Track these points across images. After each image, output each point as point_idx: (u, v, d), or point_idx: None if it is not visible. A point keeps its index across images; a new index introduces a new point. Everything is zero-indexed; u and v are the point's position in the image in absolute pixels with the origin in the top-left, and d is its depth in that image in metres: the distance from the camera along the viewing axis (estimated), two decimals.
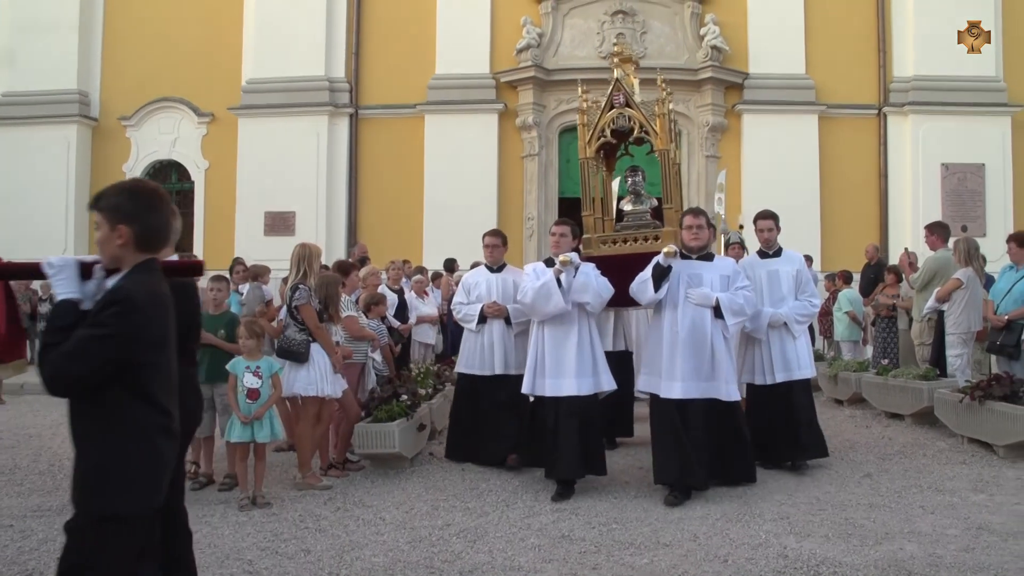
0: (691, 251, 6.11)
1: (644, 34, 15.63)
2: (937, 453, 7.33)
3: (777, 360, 6.71)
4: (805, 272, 6.93)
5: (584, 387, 6.04)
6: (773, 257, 6.99)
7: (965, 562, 4.47)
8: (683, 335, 5.87)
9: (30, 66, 16.93)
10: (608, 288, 6.10)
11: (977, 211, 15.22)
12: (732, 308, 5.92)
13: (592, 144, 6.89)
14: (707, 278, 6.01)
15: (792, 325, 6.73)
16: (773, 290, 6.83)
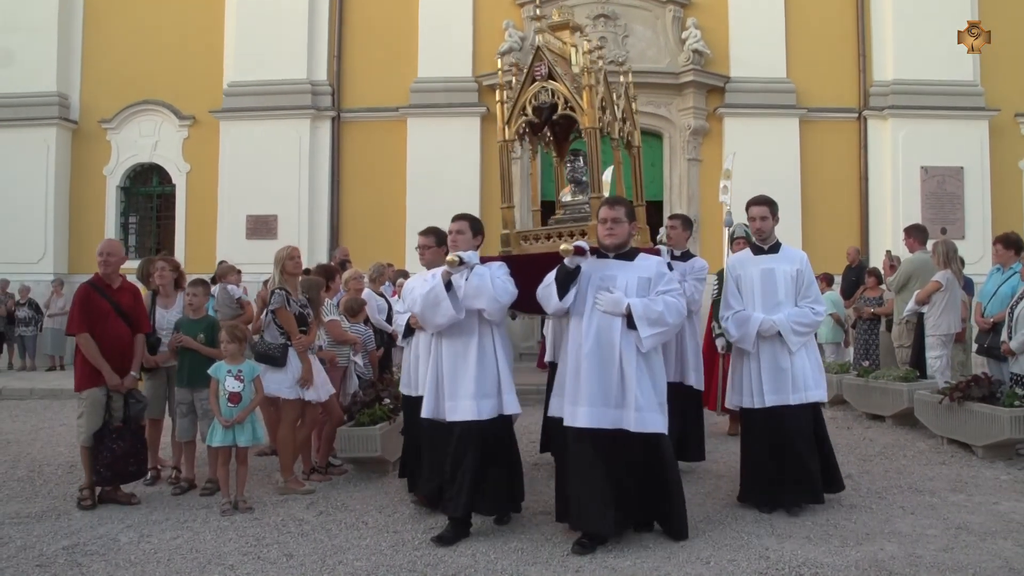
0: (607, 249, 5.07)
1: (626, 38, 15.67)
2: (917, 454, 7.39)
3: (768, 379, 5.55)
4: (808, 273, 5.76)
5: (485, 410, 5.09)
6: (769, 253, 5.84)
7: (944, 562, 4.51)
8: (587, 349, 4.82)
9: (9, 68, 16.76)
10: (508, 292, 5.11)
11: (956, 214, 15.35)
12: (647, 316, 4.77)
13: (512, 124, 5.91)
14: (622, 280, 4.93)
15: (788, 336, 5.53)
16: (767, 293, 5.69)
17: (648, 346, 4.80)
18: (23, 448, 8.34)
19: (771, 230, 5.87)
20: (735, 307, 5.77)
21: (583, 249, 4.87)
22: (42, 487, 6.63)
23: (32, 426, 9.80)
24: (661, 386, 4.90)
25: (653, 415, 4.77)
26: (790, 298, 5.69)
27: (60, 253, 16.69)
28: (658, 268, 5.02)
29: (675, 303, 4.90)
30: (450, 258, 5.10)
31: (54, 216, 16.65)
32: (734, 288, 5.85)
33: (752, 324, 5.63)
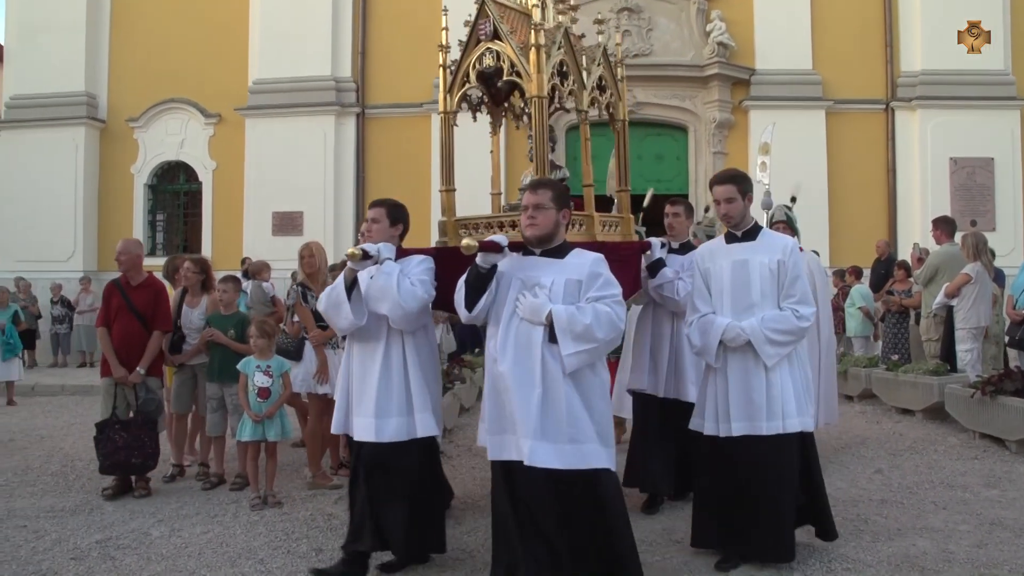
0: (529, 242, 4.10)
1: (650, 31, 15.61)
2: (948, 449, 7.31)
3: (736, 402, 4.33)
4: (795, 266, 4.43)
5: (387, 430, 4.28)
6: (744, 240, 4.53)
7: (978, 558, 4.46)
8: (504, 366, 3.91)
9: (38, 68, 16.99)
10: (415, 297, 4.22)
11: (986, 205, 15.16)
12: (571, 329, 3.79)
13: (455, 93, 5.13)
14: (547, 282, 3.95)
15: (761, 347, 4.26)
16: (738, 291, 4.44)
17: (571, 366, 3.79)
18: (56, 443, 8.46)
19: (742, 213, 4.54)
20: (701, 309, 4.52)
21: (497, 245, 3.98)
22: (75, 481, 6.72)
23: (65, 421, 9.94)
24: (599, 413, 3.92)
25: (591, 448, 3.83)
26: (768, 298, 4.39)
27: (89, 251, 16.90)
28: (592, 268, 3.97)
29: (608, 314, 3.83)
30: (351, 251, 4.27)
31: (83, 214, 16.87)
32: (701, 285, 4.58)
33: (714, 331, 4.39)
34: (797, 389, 4.36)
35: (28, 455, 7.84)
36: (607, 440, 3.90)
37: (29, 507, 5.93)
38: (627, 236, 5.22)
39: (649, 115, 15.76)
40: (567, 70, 4.99)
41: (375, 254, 4.27)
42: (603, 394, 3.97)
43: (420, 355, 4.44)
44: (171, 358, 6.69)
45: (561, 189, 4.20)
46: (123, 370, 6.29)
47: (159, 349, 6.48)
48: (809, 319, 4.37)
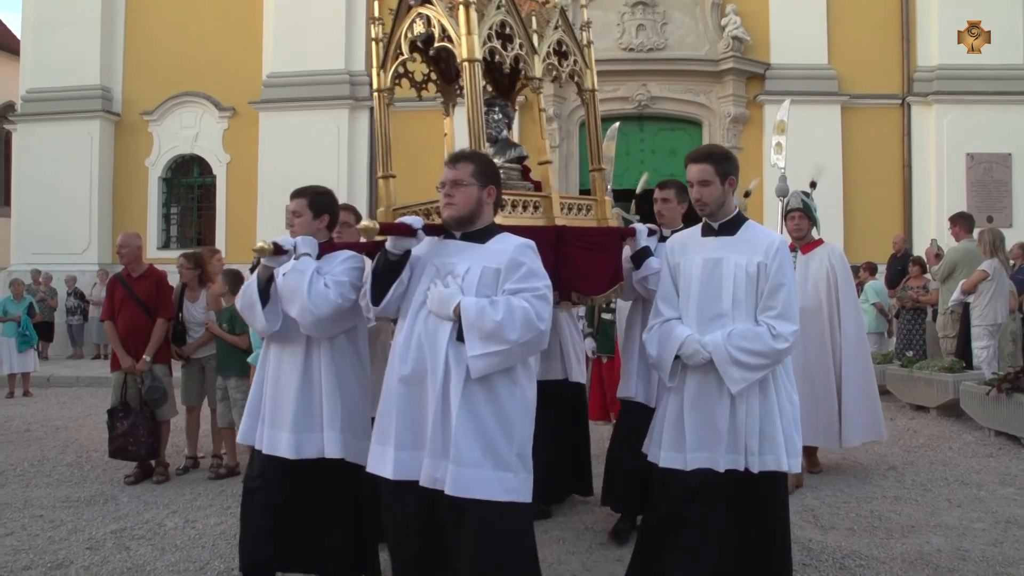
0: (448, 225, 3.49)
1: (665, 25, 15.53)
2: (963, 446, 7.26)
3: (694, 431, 3.55)
4: (780, 270, 3.55)
5: (308, 447, 3.77)
6: (721, 234, 3.71)
7: (993, 556, 4.43)
8: (405, 369, 3.27)
9: (53, 62, 17.07)
10: (327, 301, 3.63)
11: (1003, 201, 15.03)
12: (480, 325, 3.13)
13: (388, 68, 4.57)
14: (462, 269, 3.32)
15: (724, 368, 3.47)
16: (706, 296, 3.63)
17: (478, 370, 3.13)
18: (71, 434, 8.52)
19: (719, 200, 3.69)
20: (664, 314, 3.71)
21: (408, 228, 3.36)
22: (90, 472, 6.78)
23: (79, 412, 10.01)
24: (515, 429, 3.22)
25: (487, 472, 3.13)
26: (742, 308, 3.56)
27: (104, 244, 16.99)
28: (514, 255, 3.29)
29: (524, 311, 3.14)
30: (260, 244, 3.67)
31: (98, 207, 16.96)
32: (668, 284, 3.78)
33: (671, 343, 3.60)
34: (769, 421, 3.52)
35: (44, 445, 7.91)
36: (528, 467, 3.24)
37: (45, 497, 5.98)
38: (602, 221, 4.64)
39: (663, 110, 15.70)
40: (511, 32, 4.36)
41: (290, 248, 3.73)
42: (522, 410, 3.27)
43: (338, 365, 3.84)
44: (176, 350, 6.80)
45: (486, 163, 3.52)
46: (130, 360, 6.49)
47: (164, 336, 6.64)
48: (788, 340, 3.48)
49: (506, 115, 4.91)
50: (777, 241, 3.63)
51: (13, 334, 11.56)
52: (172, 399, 6.74)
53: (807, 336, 5.58)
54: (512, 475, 3.18)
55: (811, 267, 6.05)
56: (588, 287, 4.36)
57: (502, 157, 4.72)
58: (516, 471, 3.19)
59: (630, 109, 15.47)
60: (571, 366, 5.36)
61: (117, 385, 6.61)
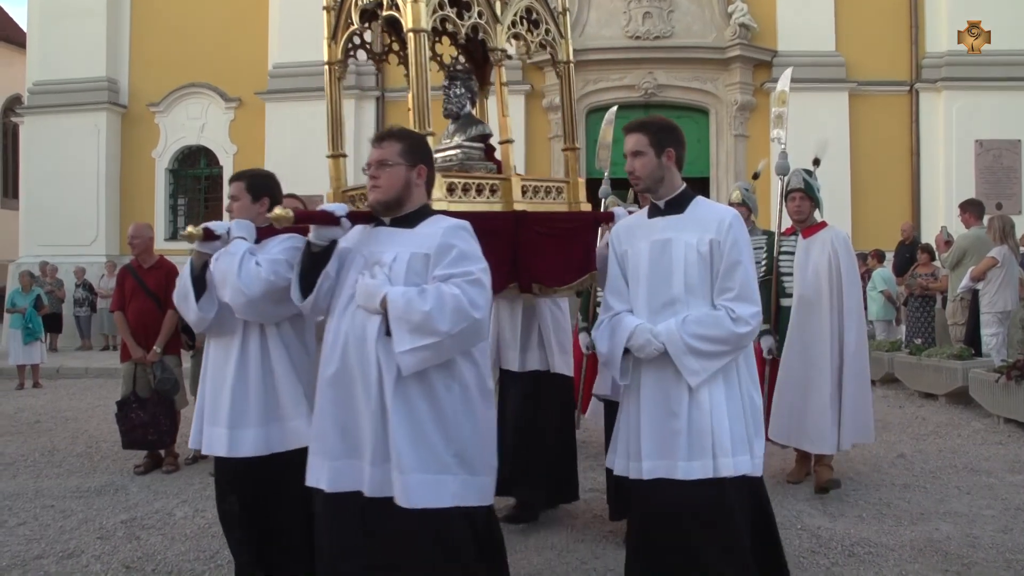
0: (375, 210, 3.17)
1: (671, 12, 15.45)
2: (972, 433, 7.25)
3: (649, 433, 3.17)
4: (735, 246, 3.19)
5: (244, 443, 3.48)
6: (668, 213, 3.33)
7: (1003, 543, 4.42)
8: (332, 368, 3.00)
9: (59, 55, 17.09)
10: (261, 281, 3.30)
11: (1012, 188, 14.94)
12: (408, 317, 2.83)
13: (339, 40, 4.37)
14: (389, 257, 3.02)
15: (681, 359, 3.11)
16: (656, 282, 3.26)
17: (408, 367, 2.84)
18: (81, 425, 8.56)
19: (653, 174, 3.29)
20: (613, 307, 3.35)
21: (329, 215, 3.10)
22: (100, 462, 6.81)
23: (88, 403, 10.05)
24: (453, 428, 2.94)
25: (428, 477, 2.87)
26: (696, 292, 3.20)
27: (112, 235, 17.03)
28: (444, 238, 2.98)
29: (455, 298, 2.85)
30: (189, 230, 3.45)
31: (105, 199, 17.00)
32: (617, 274, 3.41)
33: (619, 336, 3.25)
34: (736, 417, 3.16)
35: (54, 436, 7.95)
36: (473, 468, 2.96)
37: (56, 487, 6.01)
38: (573, 205, 4.34)
39: (670, 98, 15.63)
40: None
41: (223, 233, 3.47)
42: (463, 406, 2.98)
43: (291, 350, 3.54)
44: (187, 340, 6.82)
45: (415, 141, 3.20)
46: (141, 350, 6.53)
47: (175, 327, 6.65)
48: (750, 322, 3.13)
49: (469, 89, 4.57)
50: (729, 216, 3.26)
51: (19, 326, 11.61)
52: (184, 390, 6.77)
53: (806, 329, 5.40)
54: (452, 478, 2.89)
55: (812, 253, 5.51)
56: (553, 276, 4.03)
57: (462, 135, 4.39)
58: (456, 473, 2.91)
59: (636, 97, 15.41)
60: (553, 356, 4.86)
61: (127, 376, 6.64)
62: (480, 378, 3.05)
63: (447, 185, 3.79)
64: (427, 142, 3.38)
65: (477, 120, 4.55)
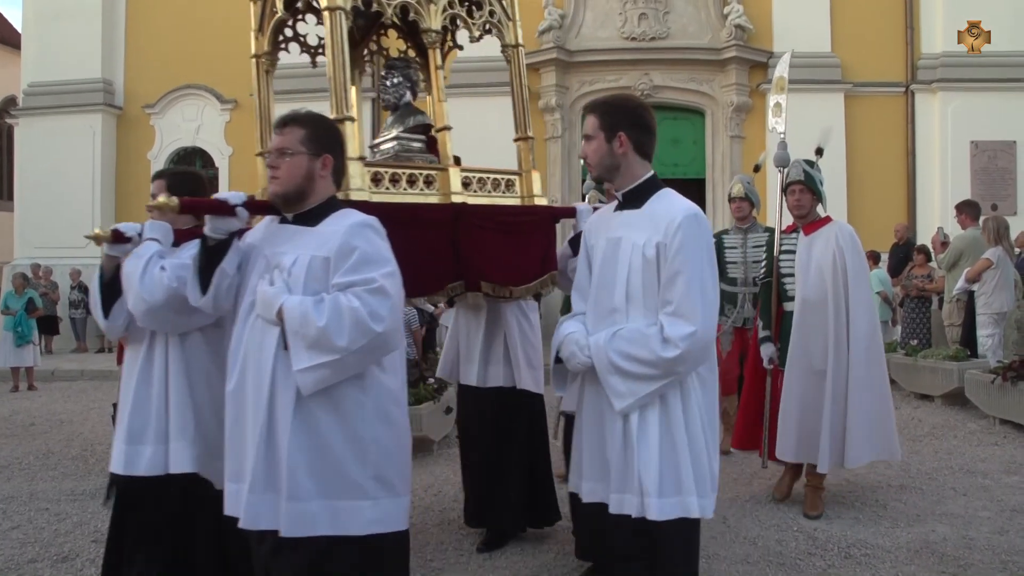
0: (276, 204, 2.86)
1: (667, 14, 15.46)
2: (968, 435, 7.25)
3: (587, 455, 3.00)
4: (680, 252, 2.80)
5: (139, 461, 3.15)
6: (627, 207, 3.02)
7: (999, 544, 4.42)
8: (231, 383, 2.75)
9: (54, 56, 17.05)
10: (160, 285, 2.97)
11: (1008, 189, 14.98)
12: (304, 333, 2.55)
13: (266, 31, 4.12)
14: (289, 261, 2.72)
15: (605, 378, 2.84)
16: (604, 287, 2.98)
17: (307, 386, 2.56)
18: (75, 428, 8.54)
19: (604, 161, 2.98)
20: (576, 308, 3.12)
21: (223, 205, 2.83)
22: (95, 465, 6.78)
23: (83, 406, 10.03)
24: (370, 448, 2.66)
25: (337, 504, 2.61)
26: (638, 302, 2.86)
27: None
28: (345, 239, 2.65)
29: (354, 311, 2.54)
30: (96, 232, 3.21)
31: (100, 201, 16.98)
32: (584, 269, 3.14)
33: (553, 343, 3.06)
34: (669, 455, 2.78)
35: (49, 439, 7.92)
36: (394, 489, 2.72)
37: (51, 490, 5.99)
38: (527, 199, 4.05)
39: (666, 99, 15.64)
40: None
41: (134, 235, 3.18)
42: (380, 423, 2.69)
43: (191, 365, 3.21)
44: None
45: (320, 127, 2.88)
46: None
47: None
48: (679, 346, 2.70)
49: (408, 78, 4.29)
50: (680, 214, 2.81)
51: (11, 328, 11.59)
52: None
53: (810, 334, 4.93)
54: (371, 503, 2.63)
55: (815, 251, 5.03)
56: (504, 276, 3.73)
57: (401, 126, 4.15)
58: (376, 498, 2.65)
59: None
60: (520, 372, 4.33)
61: None
62: (395, 391, 2.78)
63: (372, 175, 3.52)
64: (336, 128, 3.06)
65: (417, 110, 4.27)
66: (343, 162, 2.98)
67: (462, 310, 4.52)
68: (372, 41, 4.69)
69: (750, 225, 6.64)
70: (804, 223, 5.20)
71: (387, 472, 2.70)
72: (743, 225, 6.64)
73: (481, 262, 3.69)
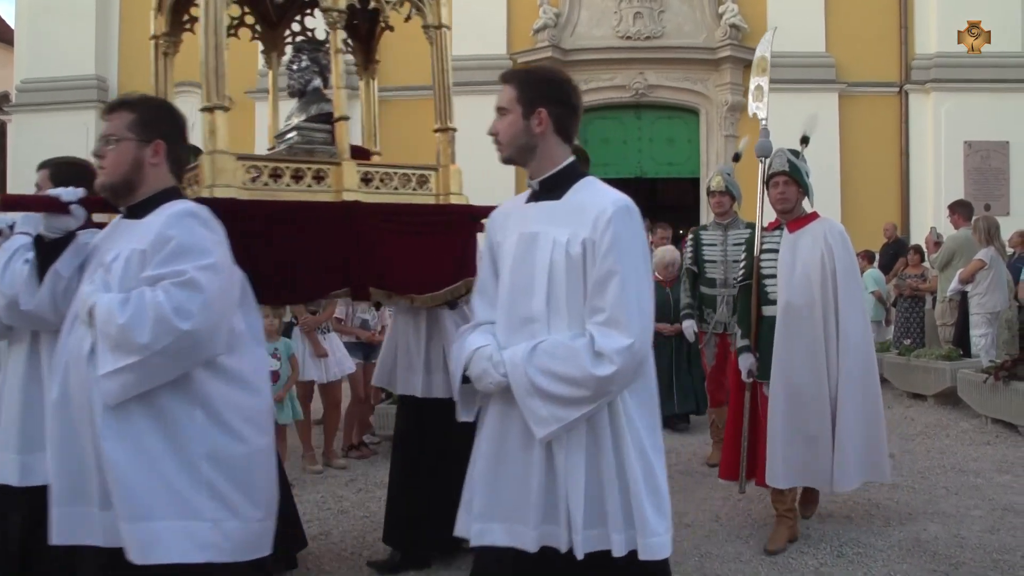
0: (102, 195, 2.64)
1: (662, 13, 15.46)
2: (960, 434, 7.27)
3: (493, 488, 2.52)
4: (613, 249, 2.37)
5: (9, 471, 3.00)
6: (544, 197, 2.59)
7: (990, 543, 4.44)
8: (53, 393, 2.48)
9: (47, 52, 16.99)
10: (21, 278, 2.75)
11: (1001, 190, 15.02)
12: (107, 332, 2.32)
13: (163, 9, 3.84)
14: (111, 257, 2.50)
15: (524, 401, 2.39)
16: (518, 291, 2.52)
17: (110, 396, 2.30)
18: None
19: (517, 142, 2.55)
20: (479, 315, 2.64)
21: (53, 201, 2.68)
22: None
23: None
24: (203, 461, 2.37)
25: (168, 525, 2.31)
26: (561, 310, 2.43)
27: None
28: (162, 228, 2.40)
29: (158, 306, 2.27)
30: None
31: None
32: (488, 270, 2.68)
33: (460, 358, 2.56)
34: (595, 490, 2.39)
35: None
36: (237, 511, 2.40)
37: None
38: (443, 197, 3.75)
39: (660, 98, 15.63)
40: None
41: (3, 227, 3.02)
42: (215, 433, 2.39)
43: (29, 369, 3.01)
44: None
45: (152, 110, 2.65)
46: None
47: None
48: (616, 362, 2.30)
49: (316, 62, 3.94)
50: (611, 206, 2.40)
51: None
52: None
53: (794, 343, 4.38)
54: (209, 525, 2.33)
55: (800, 250, 4.49)
56: (404, 282, 3.40)
57: (304, 114, 3.87)
58: (216, 519, 2.34)
59: (627, 97, 15.41)
60: None
61: None
62: (245, 405, 2.46)
63: (247, 168, 3.24)
64: (173, 112, 2.74)
65: (325, 98, 3.92)
66: (181, 150, 2.67)
67: (400, 314, 4.23)
68: (295, 22, 4.37)
69: (731, 220, 6.27)
70: (788, 219, 4.64)
71: (225, 489, 2.38)
72: (723, 221, 6.26)
73: (374, 267, 3.33)
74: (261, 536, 2.48)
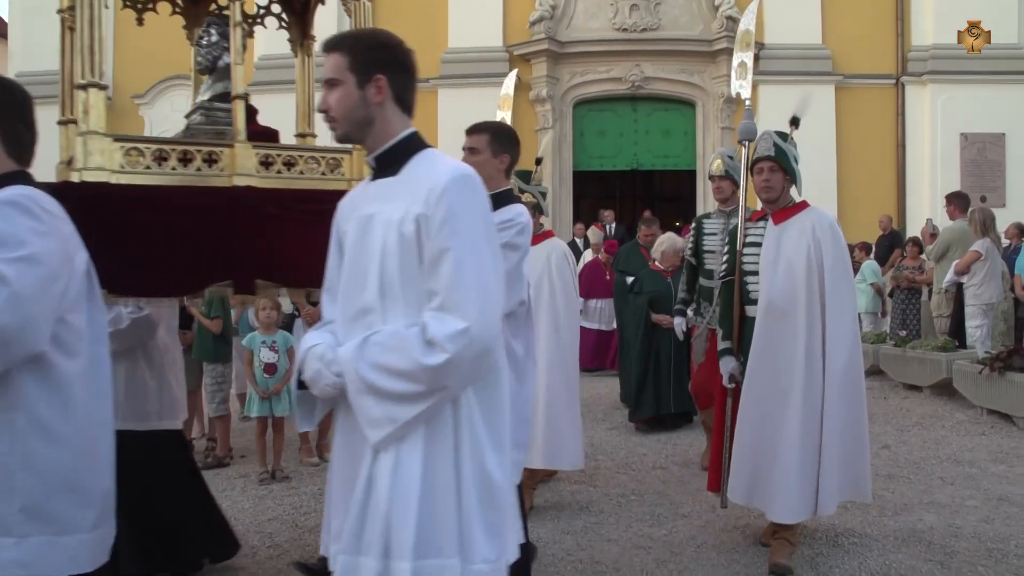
0: None
1: (658, 5, 15.43)
2: (956, 425, 7.30)
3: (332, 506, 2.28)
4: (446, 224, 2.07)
5: None
6: (380, 176, 2.28)
7: (984, 533, 4.46)
8: None
9: (42, 45, 16.89)
10: None
11: (997, 181, 15.05)
12: None
13: None
14: None
15: (356, 400, 2.08)
16: (354, 279, 2.21)
17: None
18: None
19: (354, 113, 2.24)
20: (324, 313, 2.40)
21: None
22: None
23: None
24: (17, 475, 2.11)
25: None
26: (397, 296, 2.14)
27: None
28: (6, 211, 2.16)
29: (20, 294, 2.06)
30: None
31: None
32: (334, 265, 2.39)
33: (297, 360, 2.35)
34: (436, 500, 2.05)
35: None
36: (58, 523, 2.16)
37: None
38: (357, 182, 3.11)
39: (657, 90, 15.63)
40: None
41: None
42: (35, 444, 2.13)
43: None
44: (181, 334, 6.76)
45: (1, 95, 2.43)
46: None
47: None
48: (448, 350, 2.00)
49: (226, 37, 3.53)
50: (446, 175, 2.12)
51: None
52: None
53: (775, 347, 3.96)
54: (14, 541, 2.09)
55: (785, 243, 4.05)
56: (301, 275, 3.05)
57: (209, 93, 3.60)
58: (22, 535, 2.10)
59: (624, 89, 15.41)
60: None
61: None
62: (61, 402, 2.18)
63: (126, 151, 3.01)
64: (12, 90, 2.54)
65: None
66: (18, 131, 2.46)
67: None
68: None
69: (734, 208, 5.54)
70: (774, 209, 4.18)
71: (41, 502, 2.13)
72: (726, 208, 5.74)
73: (264, 259, 3.05)
74: (93, 546, 2.25)
